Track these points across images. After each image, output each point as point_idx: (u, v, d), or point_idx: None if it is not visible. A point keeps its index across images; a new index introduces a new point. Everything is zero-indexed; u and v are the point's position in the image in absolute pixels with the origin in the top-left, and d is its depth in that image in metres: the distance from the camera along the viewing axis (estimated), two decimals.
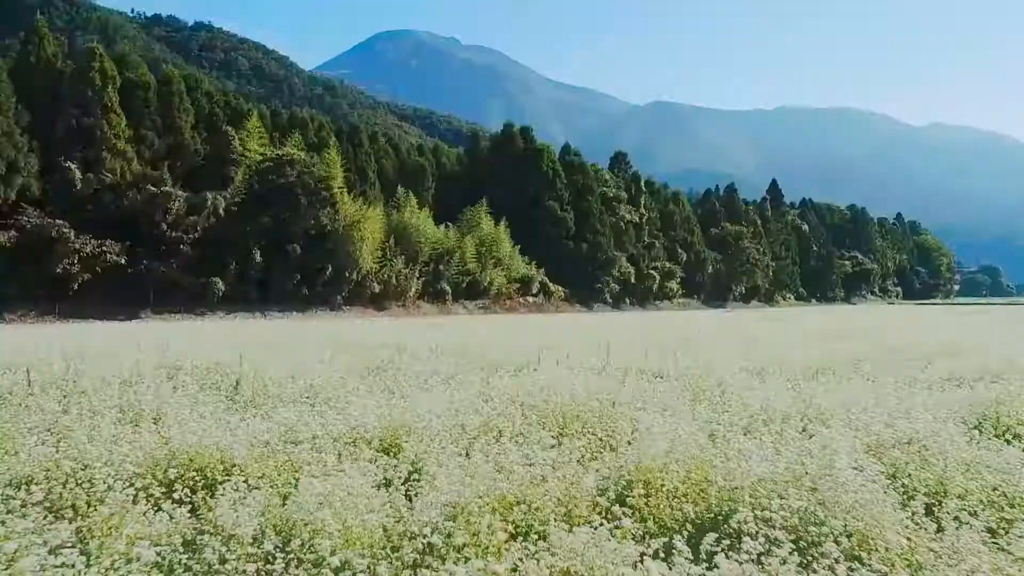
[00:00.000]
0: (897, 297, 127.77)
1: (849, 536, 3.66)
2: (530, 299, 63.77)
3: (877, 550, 3.54)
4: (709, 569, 3.08)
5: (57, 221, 35.33)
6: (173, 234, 39.82)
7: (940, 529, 3.74)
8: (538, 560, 3.19)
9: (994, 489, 4.66)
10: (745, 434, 6.07)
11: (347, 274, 48.47)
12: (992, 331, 24.04)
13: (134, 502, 4.25)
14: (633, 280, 73.24)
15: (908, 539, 3.63)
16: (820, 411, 7.21)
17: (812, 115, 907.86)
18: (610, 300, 70.48)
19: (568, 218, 67.15)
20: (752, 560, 3.10)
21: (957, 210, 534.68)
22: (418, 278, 54.57)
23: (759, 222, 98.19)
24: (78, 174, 37.92)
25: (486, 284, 59.94)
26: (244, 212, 43.50)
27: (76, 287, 36.33)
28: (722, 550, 3.30)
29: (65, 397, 8.12)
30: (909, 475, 4.97)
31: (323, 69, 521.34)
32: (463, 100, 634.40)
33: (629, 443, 5.75)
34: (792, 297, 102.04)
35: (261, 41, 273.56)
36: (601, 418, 6.79)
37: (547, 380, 8.52)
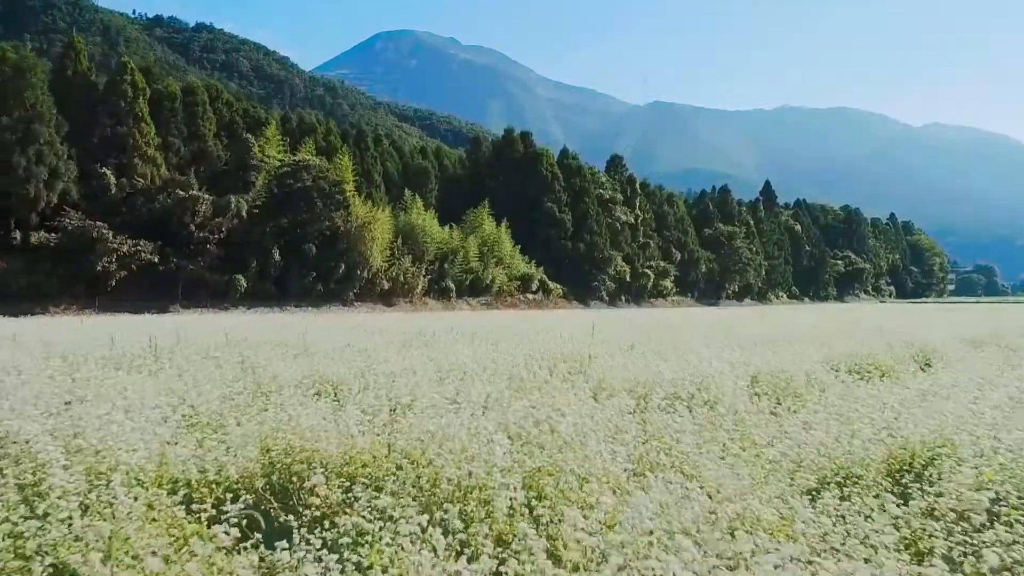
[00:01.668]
0: (890, 296, 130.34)
1: (707, 398, 6.78)
2: (530, 296, 66.82)
3: (722, 404, 6.64)
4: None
5: (97, 223, 38.48)
6: (200, 235, 42.94)
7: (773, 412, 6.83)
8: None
9: (822, 391, 7.82)
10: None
11: (358, 272, 51.55)
12: (940, 321, 26.96)
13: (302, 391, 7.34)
14: (628, 278, 76.19)
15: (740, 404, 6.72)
16: (735, 361, 10.28)
17: (811, 115, 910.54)
18: (606, 297, 73.45)
19: (566, 219, 70.10)
20: (642, 398, 6.19)
21: (957, 210, 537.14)
22: (424, 276, 57.62)
23: (752, 222, 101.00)
24: (112, 179, 41.10)
25: (488, 282, 63.04)
26: (264, 214, 46.61)
27: (113, 283, 39.47)
28: (635, 400, 6.39)
29: (196, 354, 11.15)
30: (765, 384, 8.11)
31: (323, 69, 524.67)
32: (463, 100, 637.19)
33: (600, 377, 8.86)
34: (785, 295, 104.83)
35: (261, 42, 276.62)
36: (580, 362, 9.87)
37: (543, 344, 11.75)
